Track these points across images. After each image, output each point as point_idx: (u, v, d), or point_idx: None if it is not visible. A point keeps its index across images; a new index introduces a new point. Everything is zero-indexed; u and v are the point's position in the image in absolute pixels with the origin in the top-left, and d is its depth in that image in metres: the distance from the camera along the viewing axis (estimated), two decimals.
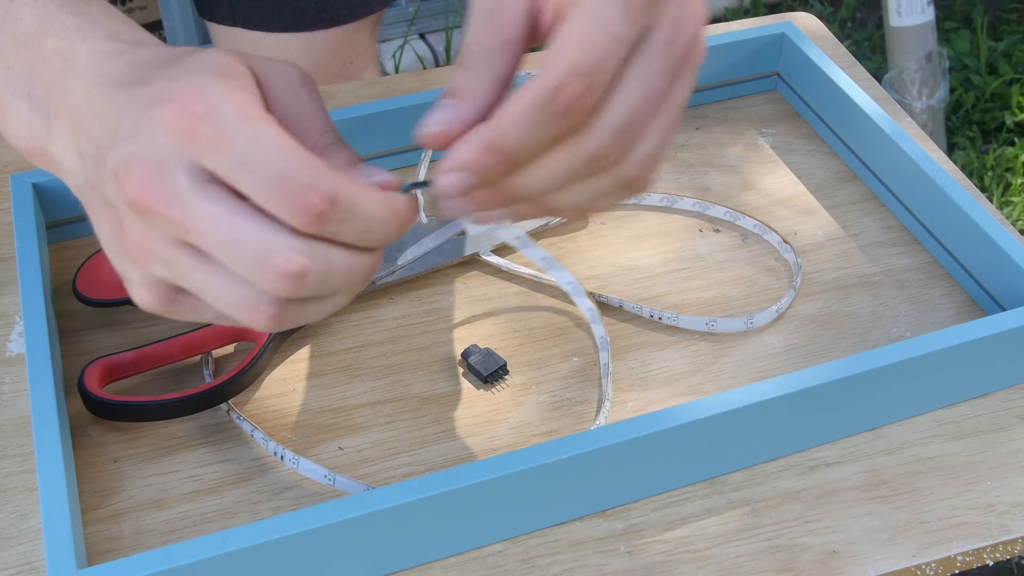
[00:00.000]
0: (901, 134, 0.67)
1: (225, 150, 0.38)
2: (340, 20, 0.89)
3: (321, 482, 0.54)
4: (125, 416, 0.56)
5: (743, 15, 2.09)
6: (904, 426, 0.57)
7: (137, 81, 0.41)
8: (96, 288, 0.59)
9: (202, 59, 0.41)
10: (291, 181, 0.38)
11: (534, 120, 0.38)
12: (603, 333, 0.60)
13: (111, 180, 0.40)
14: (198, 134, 0.38)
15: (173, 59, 0.42)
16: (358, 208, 0.39)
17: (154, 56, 0.42)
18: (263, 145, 0.38)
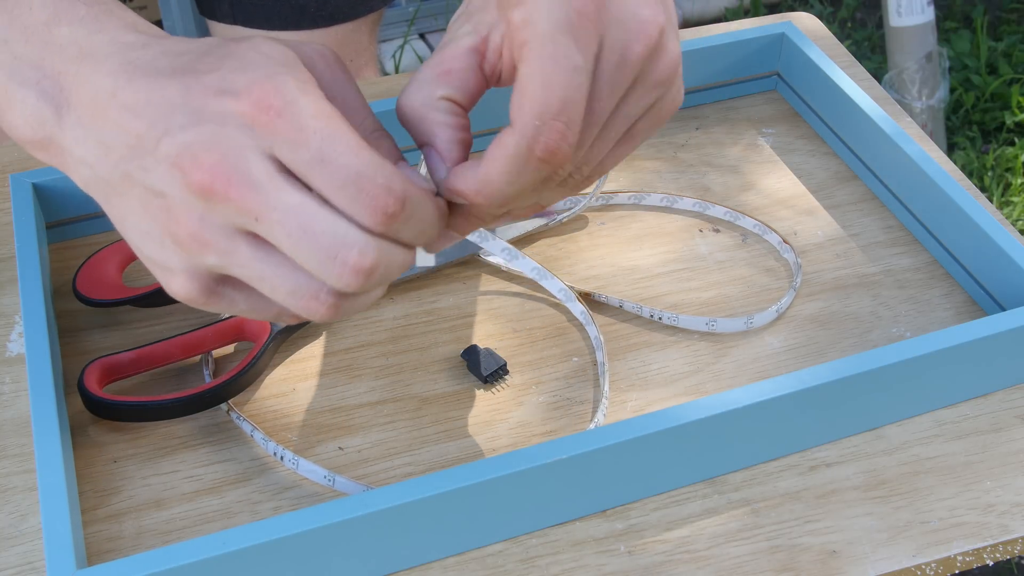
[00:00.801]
0: (901, 134, 0.67)
1: (302, 145, 0.38)
2: (340, 18, 0.89)
3: (321, 482, 0.54)
4: (125, 416, 0.56)
5: (743, 15, 2.09)
6: (904, 426, 0.57)
7: (186, 71, 0.40)
8: (96, 288, 0.59)
9: (259, 50, 0.40)
10: (367, 181, 0.38)
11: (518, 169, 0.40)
12: (596, 334, 0.60)
13: (166, 166, 0.39)
14: (275, 127, 0.38)
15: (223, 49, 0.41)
16: (420, 210, 0.40)
17: (187, 47, 0.41)
18: (340, 143, 0.38)
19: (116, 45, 0.42)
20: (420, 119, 0.43)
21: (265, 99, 0.38)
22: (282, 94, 0.38)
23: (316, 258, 0.39)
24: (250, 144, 0.38)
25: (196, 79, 0.40)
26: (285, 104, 0.38)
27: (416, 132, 0.44)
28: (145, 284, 0.61)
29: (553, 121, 0.39)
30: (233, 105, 0.38)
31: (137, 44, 0.42)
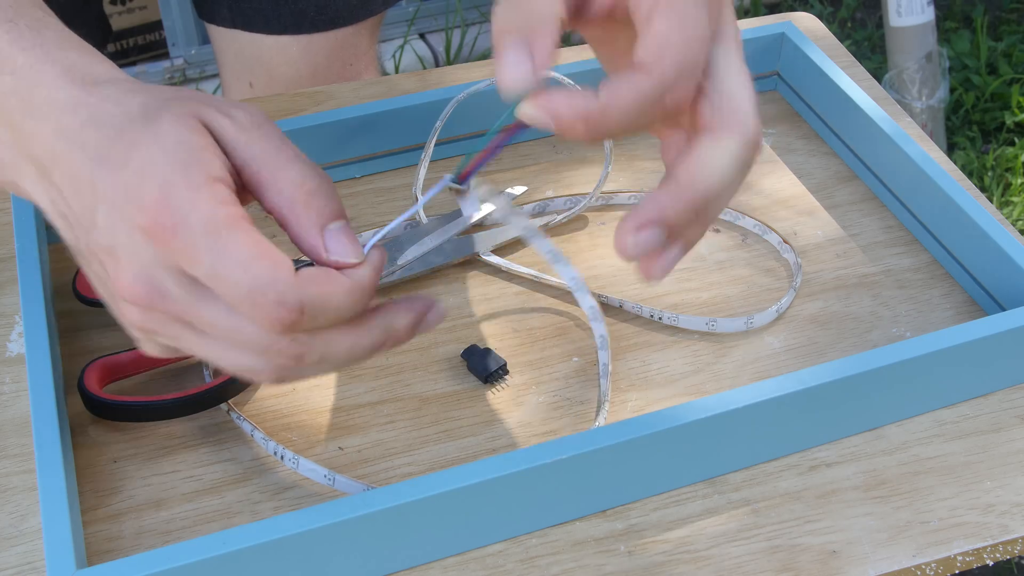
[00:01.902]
0: (901, 134, 0.67)
1: (198, 262, 0.40)
2: (340, 23, 0.89)
3: (321, 482, 0.54)
4: (125, 416, 0.56)
5: (743, 15, 2.09)
6: (904, 426, 0.57)
7: (103, 160, 0.41)
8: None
9: (163, 142, 0.41)
10: (259, 296, 0.40)
11: (640, 111, 0.40)
12: (603, 332, 0.60)
13: (97, 263, 0.42)
14: (172, 246, 0.40)
15: (134, 133, 0.41)
16: (327, 306, 0.41)
17: (111, 115, 0.42)
18: (230, 259, 0.39)
19: (53, 107, 0.43)
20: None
21: (160, 217, 0.39)
22: (175, 211, 0.39)
23: (248, 351, 0.42)
24: (158, 260, 0.41)
25: (109, 174, 0.41)
26: (177, 222, 0.39)
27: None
28: None
29: (686, 78, 0.40)
30: (138, 218, 0.40)
31: (70, 107, 0.43)
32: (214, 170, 0.41)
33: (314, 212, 0.42)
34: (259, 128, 0.43)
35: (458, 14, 1.99)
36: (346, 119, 0.68)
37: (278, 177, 0.42)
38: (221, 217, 0.40)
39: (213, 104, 0.43)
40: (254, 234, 0.40)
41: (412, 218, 0.67)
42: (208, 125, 0.42)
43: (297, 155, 0.43)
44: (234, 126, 0.42)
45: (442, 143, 0.71)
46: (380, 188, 0.70)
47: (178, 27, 1.81)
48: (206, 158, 0.41)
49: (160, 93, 0.43)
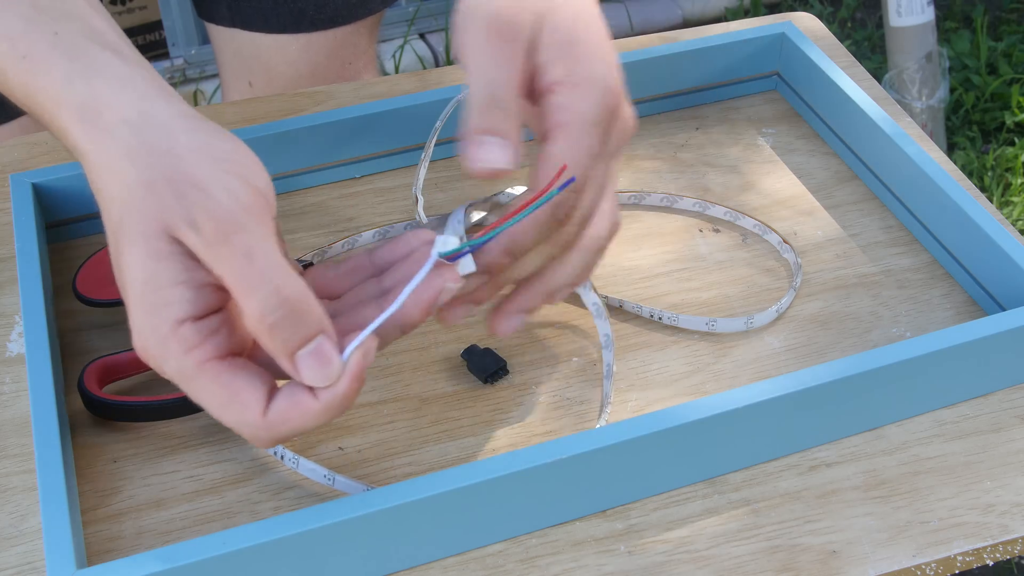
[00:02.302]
0: (901, 134, 0.67)
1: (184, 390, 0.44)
2: (339, 21, 0.88)
3: (321, 482, 0.54)
4: (125, 416, 0.56)
5: (743, 15, 2.09)
6: (904, 426, 0.57)
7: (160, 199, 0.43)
8: (96, 288, 0.59)
9: (132, 275, 0.44)
10: (236, 429, 0.44)
11: (540, 226, 0.48)
12: (608, 331, 0.60)
13: None
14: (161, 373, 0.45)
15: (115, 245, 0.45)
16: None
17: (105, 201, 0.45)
18: (205, 402, 0.44)
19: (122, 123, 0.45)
20: None
21: (145, 358, 0.44)
22: (153, 358, 0.44)
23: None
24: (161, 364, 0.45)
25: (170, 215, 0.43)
26: (158, 366, 0.44)
27: None
28: None
29: (573, 193, 0.49)
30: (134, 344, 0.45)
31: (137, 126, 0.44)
32: (181, 310, 0.43)
33: (279, 343, 0.43)
34: (225, 243, 0.43)
35: None
36: (346, 119, 0.68)
37: (243, 305, 0.43)
38: (189, 368, 0.43)
39: (184, 205, 0.43)
40: (221, 376, 0.43)
41: (411, 218, 0.67)
42: (177, 240, 0.43)
43: (263, 275, 0.43)
44: (201, 242, 0.43)
45: (442, 143, 0.71)
46: (380, 188, 0.70)
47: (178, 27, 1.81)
48: (175, 297, 0.43)
49: (149, 172, 0.44)
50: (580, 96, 0.48)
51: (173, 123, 0.45)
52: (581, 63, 0.49)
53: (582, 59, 0.49)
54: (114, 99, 0.45)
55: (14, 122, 0.81)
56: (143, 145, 0.44)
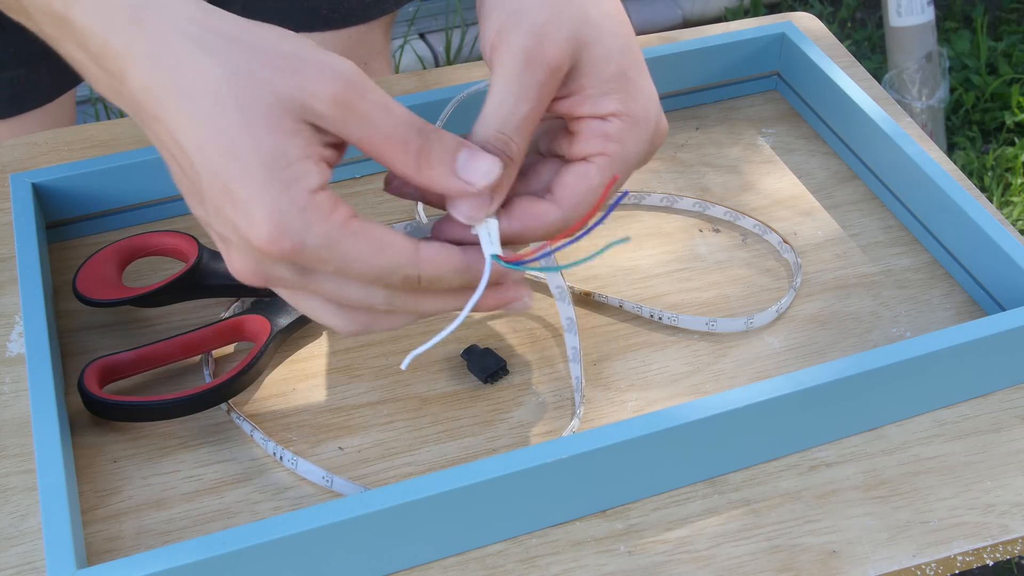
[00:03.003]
0: (901, 134, 0.67)
1: (322, 264, 0.44)
2: (352, 21, 0.88)
3: (319, 483, 0.54)
4: (125, 416, 0.56)
5: (743, 15, 2.09)
6: (904, 426, 0.57)
7: (205, 152, 0.43)
8: (96, 288, 0.59)
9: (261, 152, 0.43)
10: (387, 278, 0.45)
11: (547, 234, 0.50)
12: (571, 315, 0.59)
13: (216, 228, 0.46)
14: (293, 260, 0.44)
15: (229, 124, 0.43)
16: (443, 279, 0.46)
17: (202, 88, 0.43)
18: (354, 260, 0.44)
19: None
20: None
21: (279, 244, 0.43)
22: (290, 236, 0.43)
23: (337, 317, 0.47)
24: (271, 260, 0.45)
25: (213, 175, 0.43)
26: (295, 245, 0.43)
27: None
28: (145, 284, 0.61)
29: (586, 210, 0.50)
30: (253, 239, 0.43)
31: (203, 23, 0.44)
32: (313, 181, 0.43)
33: (438, 167, 0.45)
34: (361, 104, 0.44)
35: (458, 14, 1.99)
36: None
37: (392, 152, 0.45)
38: (335, 229, 0.44)
39: (299, 81, 0.43)
40: (367, 228, 0.44)
41: (412, 218, 0.67)
42: (303, 118, 0.43)
43: (404, 121, 0.45)
44: (333, 110, 0.43)
45: None
46: (380, 188, 0.70)
47: None
48: (305, 170, 0.43)
49: (237, 57, 0.43)
50: (633, 134, 0.50)
51: (243, 21, 0.45)
52: (636, 100, 0.50)
53: (636, 95, 0.50)
54: (169, 1, 0.44)
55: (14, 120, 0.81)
56: (224, 38, 0.44)
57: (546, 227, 0.49)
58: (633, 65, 0.50)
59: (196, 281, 0.59)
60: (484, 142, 0.48)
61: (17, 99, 0.79)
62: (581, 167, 0.50)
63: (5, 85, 0.77)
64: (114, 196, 0.66)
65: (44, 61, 0.78)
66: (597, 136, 0.50)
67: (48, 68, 0.79)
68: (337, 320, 0.48)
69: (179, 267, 0.61)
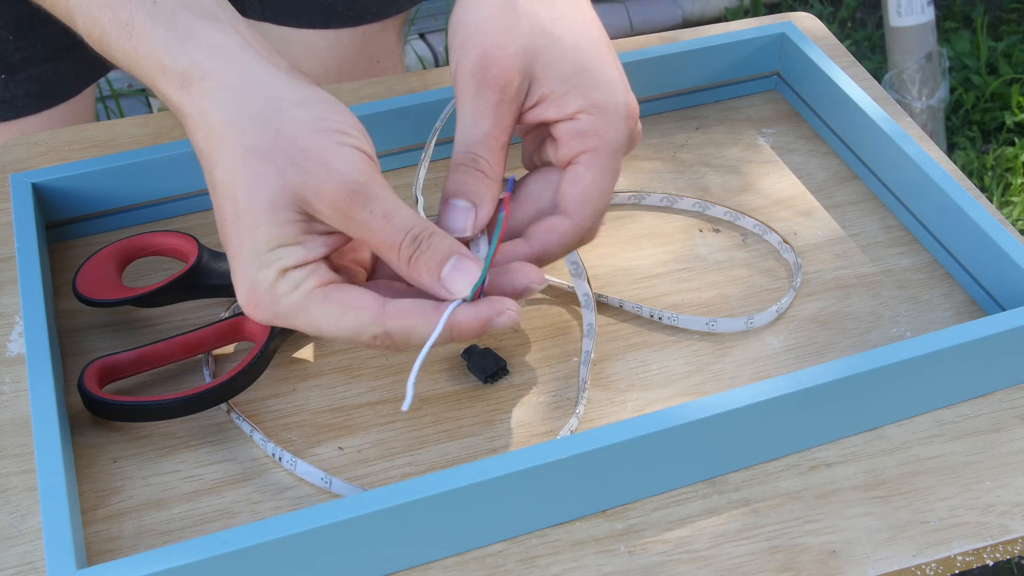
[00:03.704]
0: (901, 134, 0.67)
1: (295, 327, 0.49)
2: (367, 18, 0.88)
3: (318, 484, 0.54)
4: (125, 416, 0.56)
5: (743, 15, 2.09)
6: (904, 426, 0.57)
7: (218, 214, 0.49)
8: (96, 288, 0.59)
9: (254, 236, 0.47)
10: (355, 339, 0.49)
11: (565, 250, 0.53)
12: (592, 320, 0.60)
13: None
14: (271, 323, 0.49)
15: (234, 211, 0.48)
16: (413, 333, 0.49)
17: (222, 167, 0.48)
18: (321, 324, 0.48)
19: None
20: None
21: (255, 311, 0.49)
22: (263, 308, 0.48)
23: None
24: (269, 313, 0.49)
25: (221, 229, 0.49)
26: (268, 314, 0.49)
27: None
28: (145, 284, 0.61)
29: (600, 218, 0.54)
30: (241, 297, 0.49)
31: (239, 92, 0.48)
32: (291, 260, 0.48)
33: (425, 273, 0.49)
34: (363, 210, 0.47)
35: None
36: None
37: (387, 255, 0.49)
38: (300, 300, 0.48)
39: (310, 181, 0.47)
40: (331, 295, 0.48)
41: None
42: (304, 210, 0.48)
43: (401, 229, 0.48)
44: (335, 213, 0.47)
45: (442, 143, 0.71)
46: None
47: None
48: (289, 252, 0.48)
49: (256, 139, 0.47)
50: (605, 123, 0.52)
51: (279, 92, 0.48)
52: (597, 90, 0.52)
53: (596, 85, 0.52)
54: (214, 67, 0.48)
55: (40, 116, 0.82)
56: (251, 115, 0.47)
57: (562, 238, 0.52)
58: (590, 58, 0.52)
59: (196, 281, 0.59)
60: (456, 164, 0.52)
61: (45, 94, 0.79)
62: (571, 171, 0.52)
63: (33, 81, 0.78)
64: (114, 196, 0.66)
65: (69, 55, 0.79)
66: (573, 137, 0.52)
67: (73, 62, 0.79)
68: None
69: (179, 267, 0.61)
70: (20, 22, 0.75)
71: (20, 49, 0.76)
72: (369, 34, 0.90)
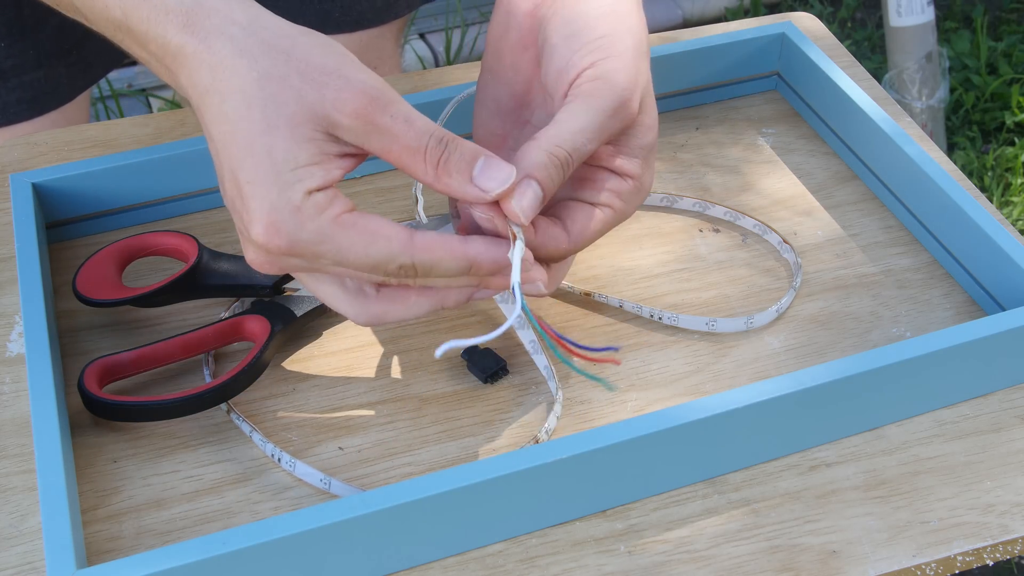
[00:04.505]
0: (901, 134, 0.67)
1: (317, 259, 0.47)
2: (365, 24, 0.88)
3: (317, 485, 0.54)
4: (125, 416, 0.56)
5: (743, 15, 2.09)
6: (904, 426, 0.57)
7: (225, 143, 0.46)
8: (96, 288, 0.59)
9: (273, 156, 0.45)
10: (381, 267, 0.47)
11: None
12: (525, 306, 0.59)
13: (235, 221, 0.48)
14: (288, 253, 0.47)
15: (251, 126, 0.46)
16: (440, 266, 0.48)
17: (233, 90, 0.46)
18: (348, 251, 0.47)
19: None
20: None
21: (273, 240, 0.46)
22: (284, 233, 0.46)
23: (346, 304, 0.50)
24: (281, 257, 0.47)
25: (228, 162, 0.46)
26: (289, 241, 0.46)
27: None
28: (145, 284, 0.61)
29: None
30: (252, 233, 0.46)
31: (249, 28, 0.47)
32: (314, 182, 0.46)
33: (456, 175, 0.48)
34: (383, 117, 0.46)
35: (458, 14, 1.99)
36: None
37: (413, 161, 0.47)
38: (326, 224, 0.46)
39: (326, 94, 0.46)
40: (360, 221, 0.47)
41: (412, 218, 0.67)
42: (323, 128, 0.46)
43: (425, 131, 0.47)
44: (356, 124, 0.46)
45: None
46: (380, 188, 0.70)
47: None
48: (309, 173, 0.46)
49: (269, 63, 0.46)
50: (638, 198, 0.53)
51: (284, 25, 0.48)
52: (650, 172, 0.54)
53: (650, 168, 0.54)
54: (219, 5, 0.47)
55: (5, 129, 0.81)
56: (261, 43, 0.47)
57: (556, 250, 0.52)
58: (656, 141, 0.54)
59: (196, 281, 0.59)
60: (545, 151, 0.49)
61: (37, 101, 0.79)
62: (589, 210, 0.53)
63: (25, 88, 0.78)
64: (114, 196, 0.66)
65: (62, 61, 0.79)
66: (611, 190, 0.53)
67: (66, 68, 0.79)
68: (350, 308, 0.50)
69: (179, 267, 0.61)
70: (11, 29, 0.75)
71: (11, 56, 0.76)
72: (366, 40, 0.89)
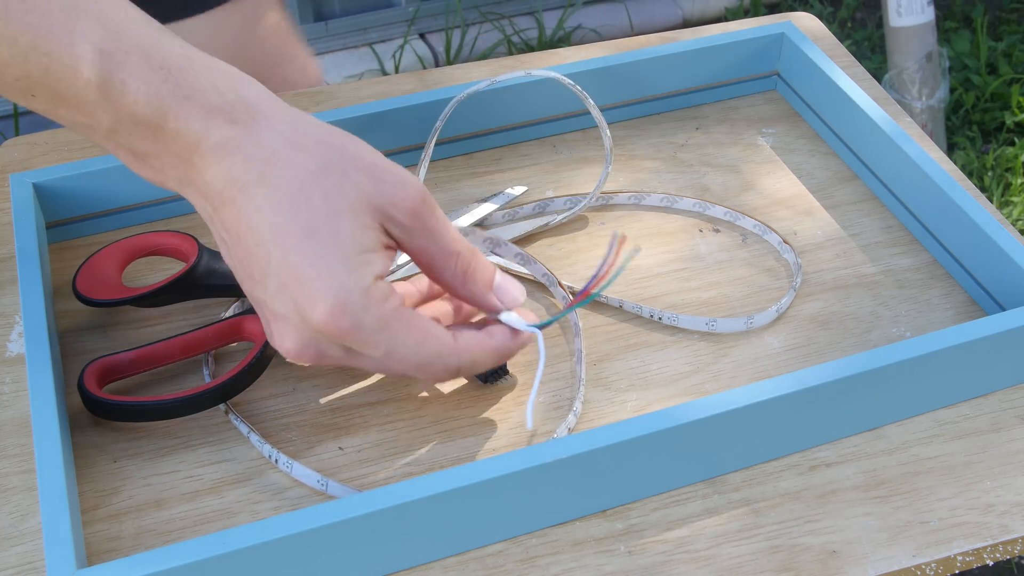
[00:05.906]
0: (901, 134, 0.67)
1: (372, 348, 0.48)
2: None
3: (314, 487, 0.54)
4: (125, 416, 0.56)
5: (743, 15, 2.09)
6: (904, 426, 0.57)
7: (280, 235, 0.47)
8: (96, 288, 0.59)
9: (340, 240, 0.47)
10: (428, 367, 0.50)
11: None
12: (577, 320, 0.61)
13: (259, 304, 0.50)
14: (346, 339, 0.48)
15: (313, 215, 0.47)
16: (478, 365, 0.52)
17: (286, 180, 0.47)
18: (402, 345, 0.49)
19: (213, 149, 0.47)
20: None
21: (338, 321, 0.47)
22: (351, 315, 0.47)
23: None
24: (324, 338, 0.48)
25: (286, 256, 0.47)
26: (354, 324, 0.47)
27: None
28: (145, 284, 0.61)
29: None
30: (314, 316, 0.47)
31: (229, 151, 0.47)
32: (379, 268, 0.48)
33: (479, 284, 0.52)
34: (430, 220, 0.50)
35: (458, 14, 1.99)
36: (346, 119, 0.68)
37: (445, 265, 0.51)
38: (389, 314, 0.48)
39: (384, 191, 0.48)
40: (414, 319, 0.49)
41: None
42: (380, 221, 0.48)
43: (459, 241, 0.51)
44: (406, 222, 0.49)
45: (442, 143, 0.71)
46: None
47: None
48: (372, 260, 0.48)
49: (325, 156, 0.48)
50: None
51: (326, 125, 0.49)
52: None
53: None
54: (265, 103, 0.48)
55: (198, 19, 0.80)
56: (313, 138, 0.48)
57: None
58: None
59: (196, 281, 0.59)
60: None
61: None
62: None
63: None
64: (114, 196, 0.66)
65: None
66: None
67: None
68: None
69: (179, 267, 0.61)
70: None
71: None
72: (244, 12, 0.86)
